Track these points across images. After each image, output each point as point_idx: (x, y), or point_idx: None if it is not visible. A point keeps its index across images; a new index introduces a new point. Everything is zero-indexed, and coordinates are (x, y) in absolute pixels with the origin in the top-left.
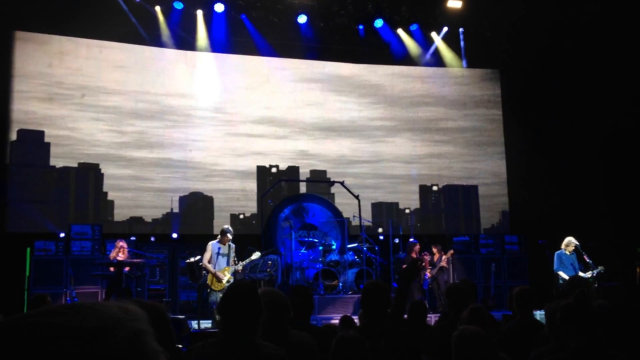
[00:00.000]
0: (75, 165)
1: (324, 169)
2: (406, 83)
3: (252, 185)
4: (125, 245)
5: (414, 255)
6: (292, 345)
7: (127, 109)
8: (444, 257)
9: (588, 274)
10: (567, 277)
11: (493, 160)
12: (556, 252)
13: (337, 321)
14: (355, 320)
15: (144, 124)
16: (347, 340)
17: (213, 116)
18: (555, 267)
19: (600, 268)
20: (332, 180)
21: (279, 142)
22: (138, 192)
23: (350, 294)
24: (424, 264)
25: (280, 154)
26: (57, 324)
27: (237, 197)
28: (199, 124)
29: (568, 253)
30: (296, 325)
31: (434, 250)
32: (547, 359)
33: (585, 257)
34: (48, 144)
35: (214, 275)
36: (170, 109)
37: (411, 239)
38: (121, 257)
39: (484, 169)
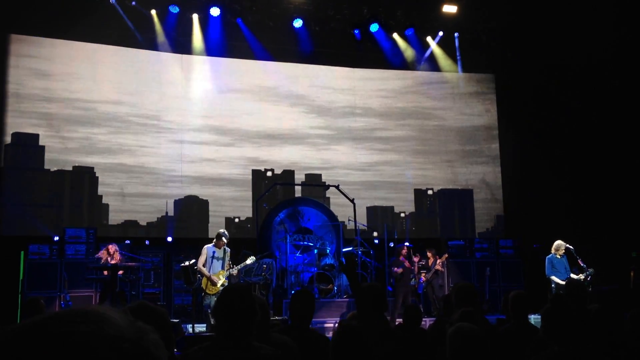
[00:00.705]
0: (70, 168)
1: (320, 173)
2: (400, 87)
3: (247, 189)
4: (116, 248)
5: (401, 259)
6: (275, 345)
7: (120, 112)
8: (438, 260)
9: (581, 276)
10: (560, 282)
11: (488, 164)
12: (547, 257)
13: (330, 325)
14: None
15: (138, 127)
16: (349, 329)
17: (209, 118)
18: (547, 272)
19: (590, 270)
20: (327, 184)
21: (277, 144)
22: (133, 196)
23: (345, 297)
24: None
25: (278, 159)
26: (88, 332)
27: (232, 201)
28: (195, 126)
29: (559, 257)
30: (296, 329)
31: (429, 254)
32: None
33: (579, 261)
34: (42, 147)
35: (209, 278)
36: (165, 112)
37: (406, 243)
38: (115, 260)
39: (479, 173)
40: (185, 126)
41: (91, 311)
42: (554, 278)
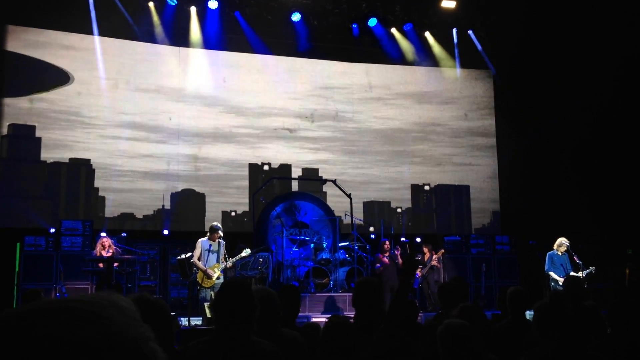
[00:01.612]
0: (66, 160)
1: (316, 167)
2: (398, 82)
3: (244, 182)
4: (112, 241)
5: (385, 254)
6: (284, 343)
7: (119, 103)
8: (434, 256)
9: (579, 274)
10: (557, 278)
11: (485, 160)
12: (548, 253)
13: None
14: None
15: (135, 119)
16: (336, 324)
17: (205, 111)
18: (546, 267)
19: (591, 268)
20: (324, 178)
21: (275, 139)
22: (129, 189)
23: (341, 292)
24: (397, 260)
25: (274, 153)
26: (56, 338)
27: (229, 195)
28: (192, 120)
29: (560, 254)
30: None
31: (425, 249)
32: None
33: (575, 258)
34: (39, 139)
35: (204, 272)
36: (163, 104)
37: (402, 239)
38: (109, 252)
39: (476, 169)
40: (182, 118)
41: (77, 307)
42: (552, 274)
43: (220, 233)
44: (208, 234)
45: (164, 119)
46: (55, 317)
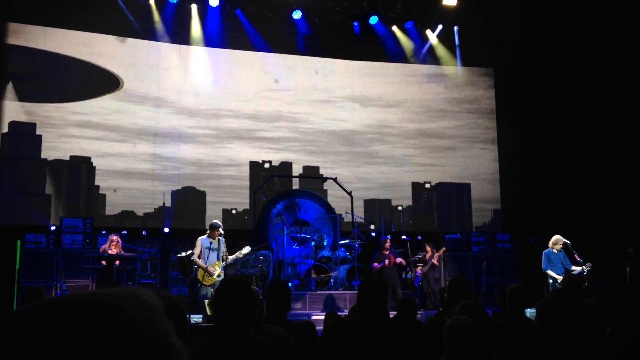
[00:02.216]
0: (67, 158)
1: (318, 165)
2: (399, 80)
3: (244, 180)
4: (119, 239)
5: (385, 252)
6: (269, 339)
7: (119, 101)
8: (435, 254)
9: (578, 269)
10: (556, 276)
11: (486, 158)
12: (544, 252)
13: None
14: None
15: (136, 117)
16: (338, 323)
17: (206, 109)
18: (543, 266)
19: (588, 264)
20: (324, 176)
21: (273, 137)
22: (130, 186)
23: (342, 290)
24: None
25: (274, 149)
26: (76, 331)
27: (230, 193)
28: (192, 118)
29: (556, 251)
30: (272, 321)
31: (427, 248)
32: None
33: (576, 255)
34: (40, 137)
35: (205, 269)
36: (163, 102)
37: (403, 236)
38: (114, 250)
39: (477, 167)
40: (183, 116)
41: (95, 300)
42: (550, 272)
43: (221, 231)
44: (208, 231)
45: (163, 116)
46: (74, 309)
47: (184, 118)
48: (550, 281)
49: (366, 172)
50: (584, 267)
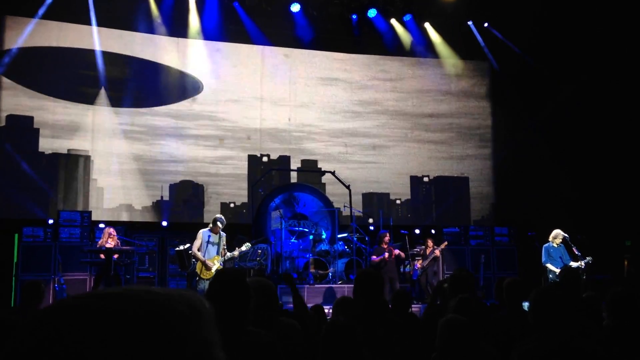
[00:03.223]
0: (65, 151)
1: (315, 158)
2: (397, 74)
3: (243, 173)
4: (114, 232)
5: (384, 246)
6: (282, 330)
7: (117, 96)
8: (436, 249)
9: (578, 263)
10: (556, 270)
11: (484, 152)
12: (544, 246)
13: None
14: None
15: (134, 110)
16: (338, 327)
17: (205, 103)
18: (543, 260)
19: (588, 258)
20: (322, 170)
21: (271, 130)
22: (128, 180)
23: (340, 283)
24: (391, 257)
25: (273, 144)
26: (122, 331)
27: (228, 186)
28: (191, 111)
29: (555, 245)
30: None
31: (429, 242)
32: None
33: (574, 249)
34: (37, 130)
35: (203, 263)
36: (161, 95)
37: (402, 231)
38: (111, 244)
39: (475, 160)
40: (181, 110)
41: (145, 300)
42: (549, 266)
43: (222, 225)
44: (210, 225)
45: (162, 111)
46: (127, 304)
47: (181, 112)
48: (550, 275)
49: (364, 166)
50: (582, 262)
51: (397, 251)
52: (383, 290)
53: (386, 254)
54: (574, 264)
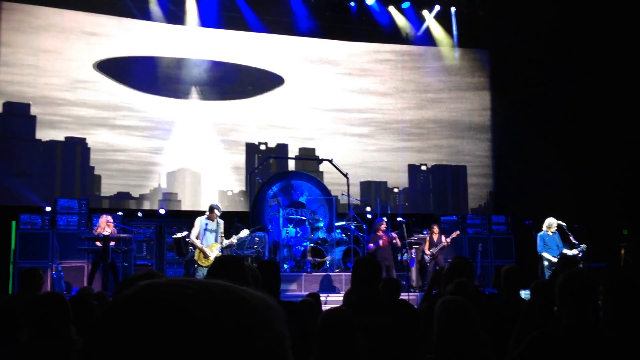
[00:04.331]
0: (62, 138)
1: (313, 146)
2: (395, 62)
3: (240, 161)
4: (111, 220)
5: (379, 234)
6: None
7: (114, 82)
8: (445, 238)
9: (574, 251)
10: (552, 258)
11: (481, 140)
12: (539, 234)
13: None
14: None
15: (131, 97)
16: (334, 314)
17: (202, 90)
18: (538, 248)
19: (583, 246)
20: (320, 158)
21: (269, 119)
22: (125, 167)
23: (337, 271)
24: (394, 240)
25: (271, 132)
26: (209, 313)
27: (226, 174)
28: (187, 99)
29: (550, 234)
30: None
31: (434, 228)
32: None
33: (571, 237)
34: (34, 117)
35: (202, 250)
36: (158, 83)
37: (399, 218)
38: (108, 232)
39: (472, 149)
40: (179, 98)
41: (232, 290)
42: (545, 254)
43: (219, 213)
44: (207, 212)
45: (160, 98)
46: (210, 295)
47: (178, 100)
48: (546, 263)
49: (362, 154)
50: (577, 249)
51: (394, 235)
52: (380, 276)
53: (380, 241)
54: (569, 252)
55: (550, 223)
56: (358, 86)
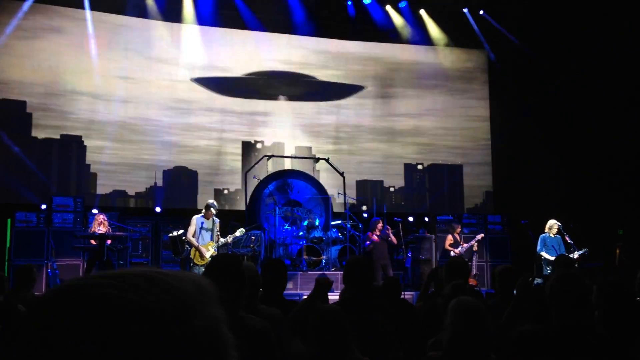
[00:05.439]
0: (58, 136)
1: (310, 145)
2: (392, 60)
3: (237, 160)
4: (105, 218)
5: (377, 233)
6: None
7: (110, 79)
8: (473, 241)
9: (575, 255)
10: (550, 258)
11: (478, 140)
12: (540, 236)
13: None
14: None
15: (127, 94)
16: (327, 312)
17: (198, 89)
18: (538, 248)
19: (584, 250)
20: (317, 157)
21: (264, 117)
22: (121, 165)
23: (333, 270)
24: (389, 238)
25: (267, 131)
26: (131, 300)
27: (222, 172)
28: (184, 97)
29: (552, 235)
30: (268, 300)
31: (457, 227)
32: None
33: (566, 237)
34: (30, 115)
35: (198, 249)
36: (155, 80)
37: (395, 218)
38: (102, 230)
39: (469, 148)
40: (174, 95)
41: (156, 276)
42: (543, 254)
43: (215, 211)
44: (203, 211)
45: (156, 96)
46: (134, 281)
47: (175, 99)
48: (544, 263)
49: (358, 153)
50: (576, 253)
51: (389, 232)
52: (372, 276)
53: (374, 237)
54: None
55: (551, 225)
56: (354, 84)
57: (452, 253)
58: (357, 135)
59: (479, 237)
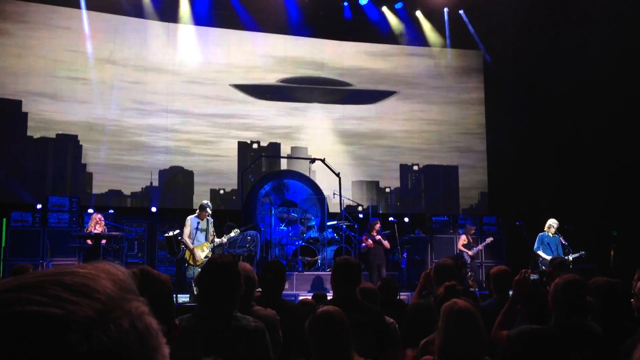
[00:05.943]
0: (54, 136)
1: (306, 146)
2: (388, 62)
3: (232, 160)
4: (101, 218)
5: (374, 234)
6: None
7: (106, 79)
8: (481, 244)
9: (571, 257)
10: (547, 257)
11: (473, 141)
12: (539, 234)
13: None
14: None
15: (123, 95)
16: (326, 314)
17: (195, 88)
18: (535, 247)
19: (581, 253)
20: (312, 157)
21: (262, 117)
22: (117, 165)
23: (329, 271)
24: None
25: (263, 131)
26: (42, 313)
27: (218, 173)
28: (180, 97)
29: (550, 235)
30: (268, 300)
31: (472, 230)
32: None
33: (561, 238)
34: (25, 114)
35: (192, 252)
36: (151, 80)
37: (390, 218)
38: (98, 230)
39: (465, 150)
40: (170, 95)
41: (67, 281)
42: (540, 253)
43: (209, 211)
44: (197, 211)
45: (152, 96)
46: (46, 290)
47: (171, 97)
48: (540, 261)
49: (354, 154)
50: (571, 255)
51: (381, 237)
52: (359, 278)
53: (369, 241)
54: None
55: (550, 224)
56: (350, 86)
57: (465, 255)
58: (352, 135)
59: (488, 240)
